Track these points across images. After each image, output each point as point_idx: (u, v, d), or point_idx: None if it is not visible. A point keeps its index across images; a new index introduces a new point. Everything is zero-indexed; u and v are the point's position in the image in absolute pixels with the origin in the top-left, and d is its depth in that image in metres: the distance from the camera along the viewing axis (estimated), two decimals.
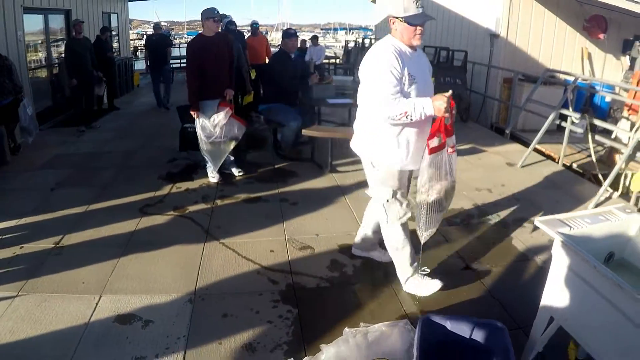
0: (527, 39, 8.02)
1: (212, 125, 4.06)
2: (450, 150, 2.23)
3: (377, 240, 2.82)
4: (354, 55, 13.00)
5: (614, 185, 5.63)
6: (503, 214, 3.69)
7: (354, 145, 2.52)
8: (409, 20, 2.13)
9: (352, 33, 38.27)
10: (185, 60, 6.92)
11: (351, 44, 16.75)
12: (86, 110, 6.77)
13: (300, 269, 2.81)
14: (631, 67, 7.65)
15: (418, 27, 2.16)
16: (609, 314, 1.45)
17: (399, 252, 2.50)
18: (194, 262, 2.89)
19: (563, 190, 4.30)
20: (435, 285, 2.47)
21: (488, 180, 4.49)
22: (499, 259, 2.95)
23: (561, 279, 1.71)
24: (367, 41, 13.71)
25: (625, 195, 4.78)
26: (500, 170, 4.87)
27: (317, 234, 3.27)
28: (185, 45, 5.73)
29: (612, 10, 8.40)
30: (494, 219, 3.61)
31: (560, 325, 1.76)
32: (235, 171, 4.47)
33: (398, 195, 2.40)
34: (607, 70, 9.41)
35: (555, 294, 1.75)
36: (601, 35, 8.37)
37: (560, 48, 8.28)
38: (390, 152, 2.30)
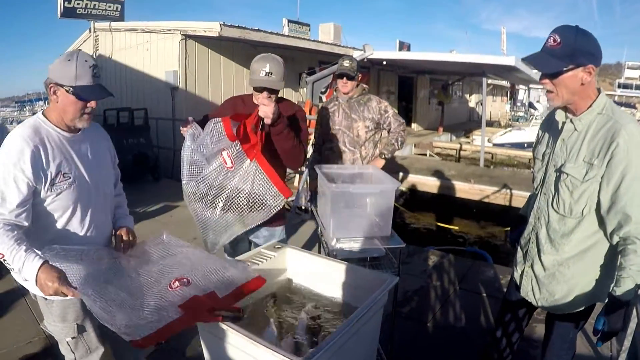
0: (207, 86, 8.58)
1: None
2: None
3: None
4: None
5: None
6: None
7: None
8: (79, 93, 1.50)
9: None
10: None
11: None
12: None
13: None
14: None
15: (90, 104, 1.55)
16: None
17: None
18: None
19: None
20: None
21: (183, 236, 4.35)
22: None
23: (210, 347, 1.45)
24: None
25: None
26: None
27: None
28: None
29: (285, 49, 9.81)
30: None
31: None
32: None
33: (87, 327, 1.72)
34: None
35: None
36: None
37: (240, 90, 9.14)
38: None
